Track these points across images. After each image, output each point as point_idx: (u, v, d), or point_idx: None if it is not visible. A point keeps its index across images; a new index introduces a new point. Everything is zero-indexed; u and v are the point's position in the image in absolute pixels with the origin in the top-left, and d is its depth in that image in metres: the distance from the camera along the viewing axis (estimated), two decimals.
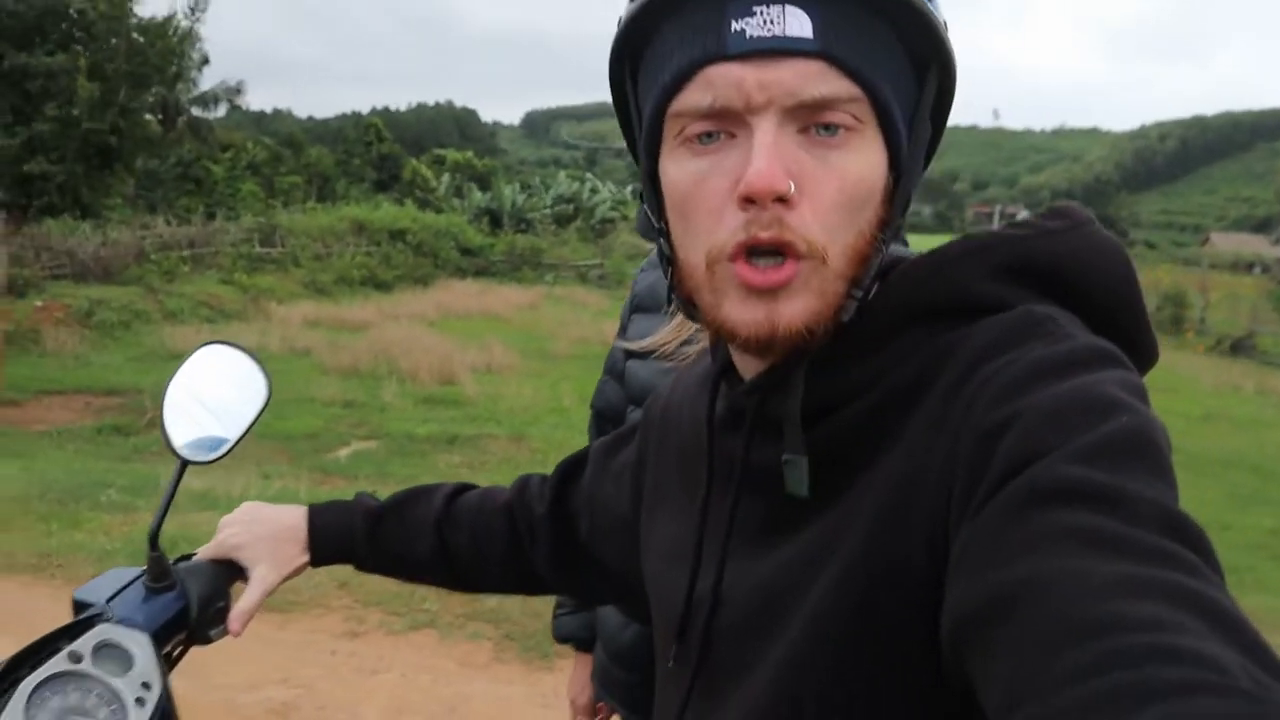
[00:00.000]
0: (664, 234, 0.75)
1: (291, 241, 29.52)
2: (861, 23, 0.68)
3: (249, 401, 1.15)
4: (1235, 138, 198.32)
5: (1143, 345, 0.71)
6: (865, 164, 0.68)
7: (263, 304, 23.56)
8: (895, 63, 0.70)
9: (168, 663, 1.02)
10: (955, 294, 0.70)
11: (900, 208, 0.72)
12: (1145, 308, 0.72)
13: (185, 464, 1.09)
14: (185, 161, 38.18)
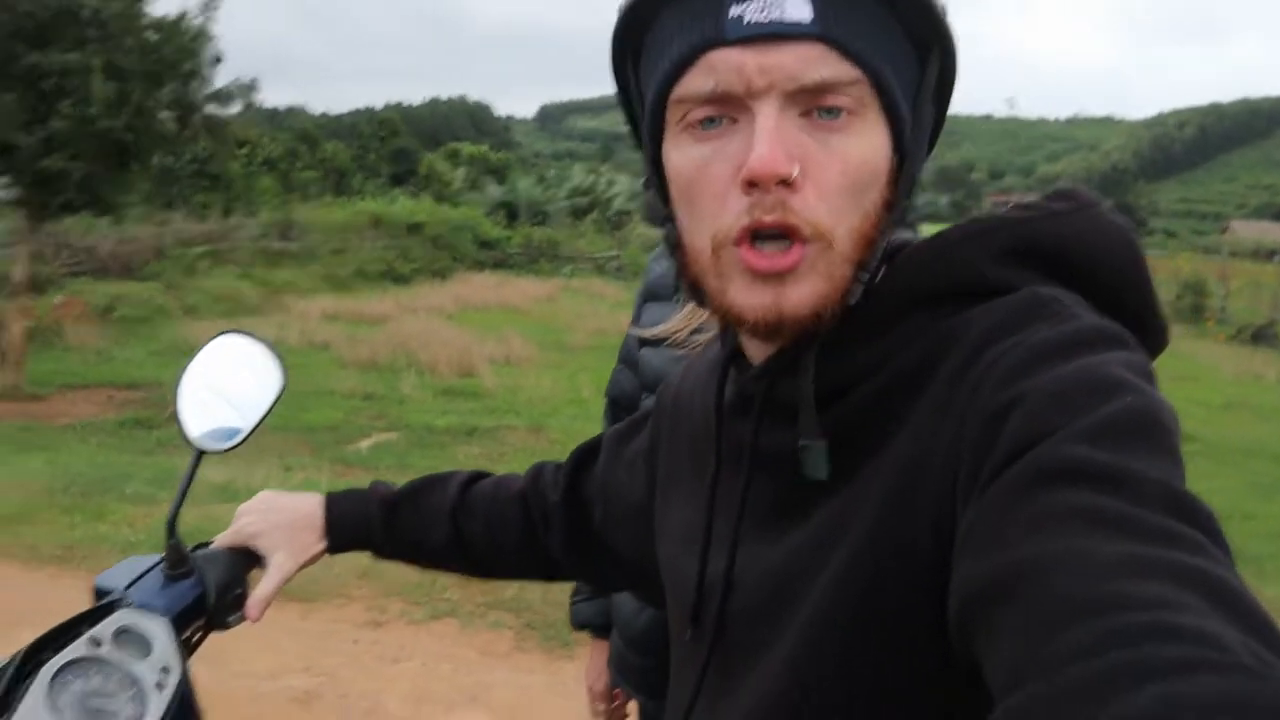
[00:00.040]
0: (670, 220, 0.75)
1: (309, 236, 29.67)
2: (861, 6, 0.68)
3: (264, 390, 1.15)
4: (1254, 125, 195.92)
5: (1152, 327, 0.71)
6: (868, 147, 0.68)
7: (281, 298, 23.66)
8: (895, 45, 0.70)
9: (186, 648, 1.03)
10: (960, 277, 0.70)
11: (905, 190, 0.72)
12: (1154, 289, 0.72)
13: (201, 453, 1.10)
14: (201, 158, 38.40)
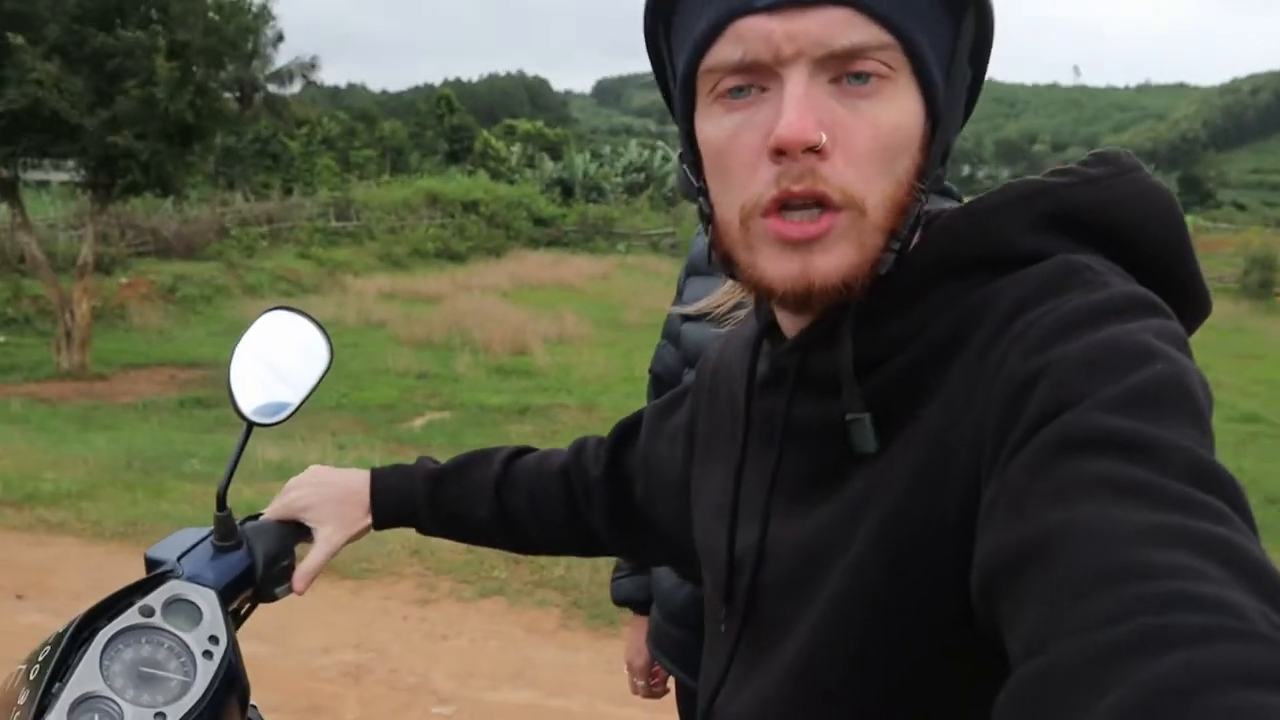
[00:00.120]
0: (703, 193, 0.74)
1: (366, 215, 30.02)
2: None
3: (312, 365, 1.16)
4: None
5: (1195, 294, 0.70)
6: (900, 112, 0.67)
7: (339, 277, 24.01)
8: (927, 7, 0.68)
9: (235, 619, 1.05)
10: (995, 245, 0.68)
11: (938, 156, 0.70)
12: (1195, 256, 0.70)
13: (251, 426, 1.12)
14: (263, 138, 38.92)
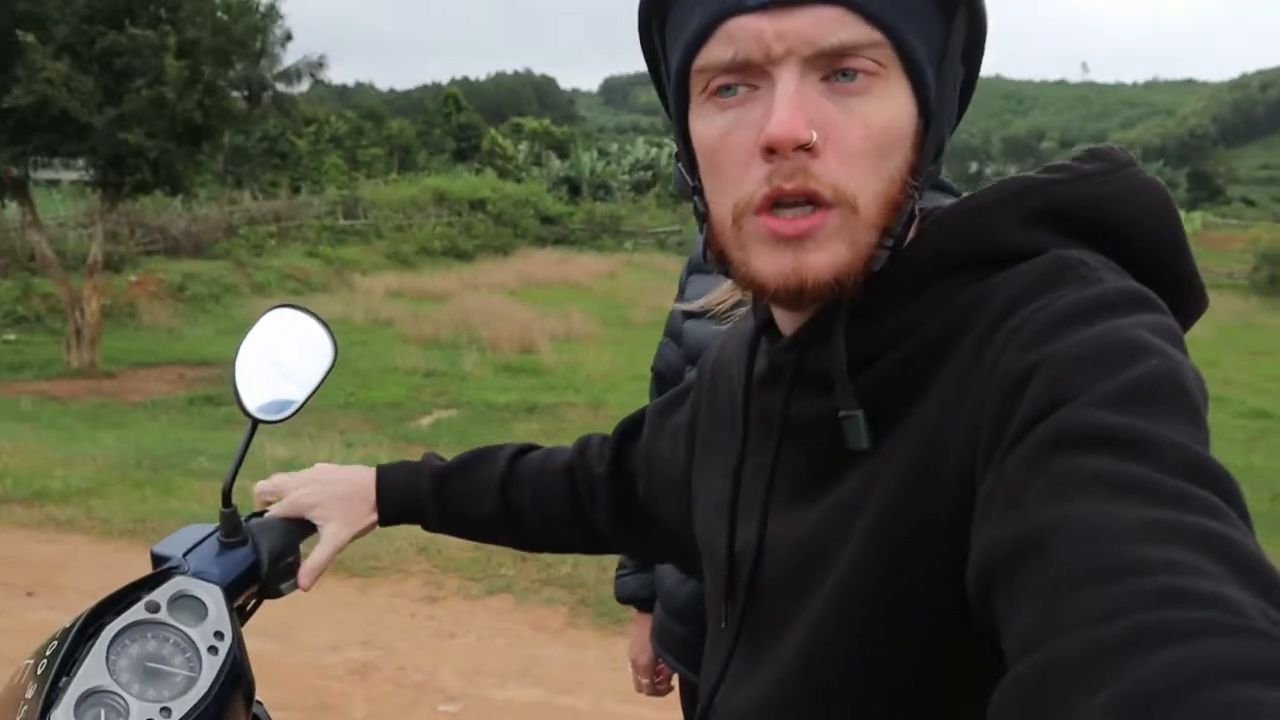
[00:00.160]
0: (698, 192, 0.75)
1: (374, 213, 30.07)
2: None
3: (316, 362, 1.17)
4: None
5: (1190, 289, 0.70)
6: (891, 110, 0.67)
7: (346, 275, 24.05)
8: (918, 5, 0.68)
9: (240, 615, 1.05)
10: (989, 242, 0.69)
11: (931, 153, 0.70)
12: (1190, 251, 0.70)
13: (256, 424, 1.12)
14: (271, 137, 38.98)
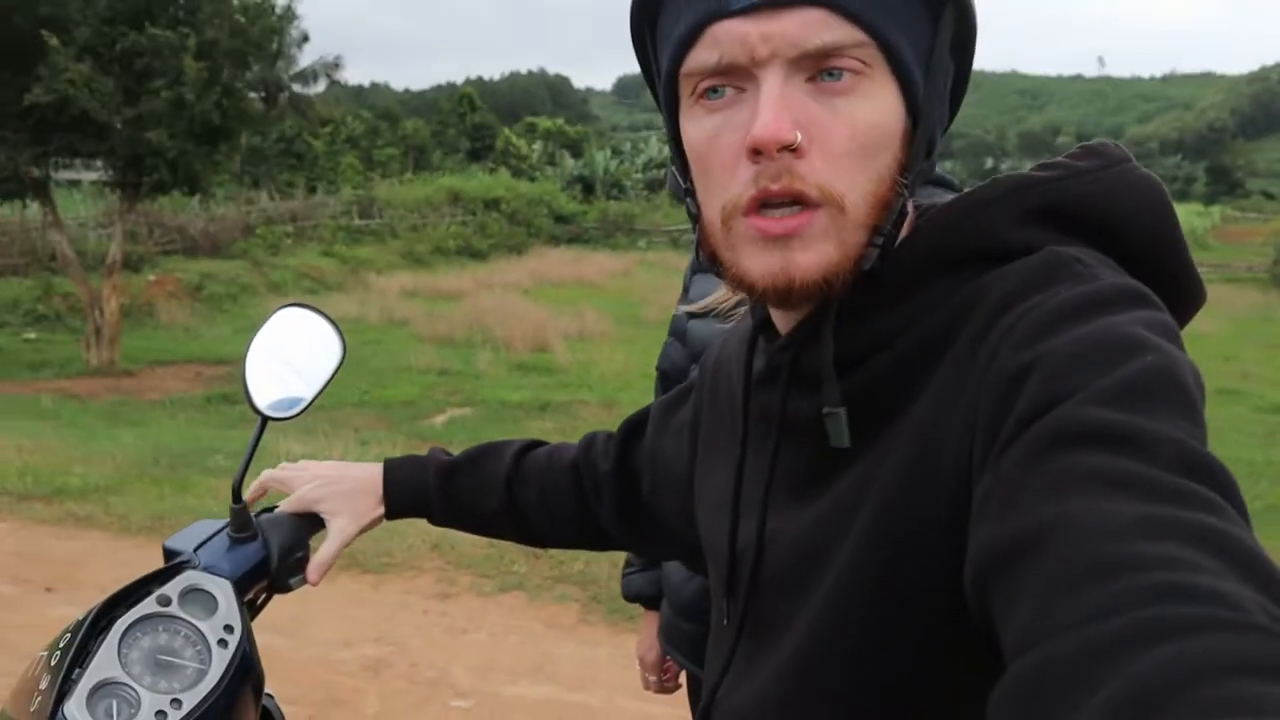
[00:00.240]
0: (691, 194, 0.75)
1: (389, 213, 30.16)
2: None
3: (325, 360, 1.18)
4: None
5: (1188, 285, 0.70)
6: (877, 109, 0.67)
7: (362, 275, 24.12)
8: (903, 4, 0.68)
9: (250, 609, 1.07)
10: (984, 239, 0.69)
11: (922, 151, 0.70)
12: (1187, 246, 0.70)
13: (265, 420, 1.14)
14: (287, 137, 39.11)
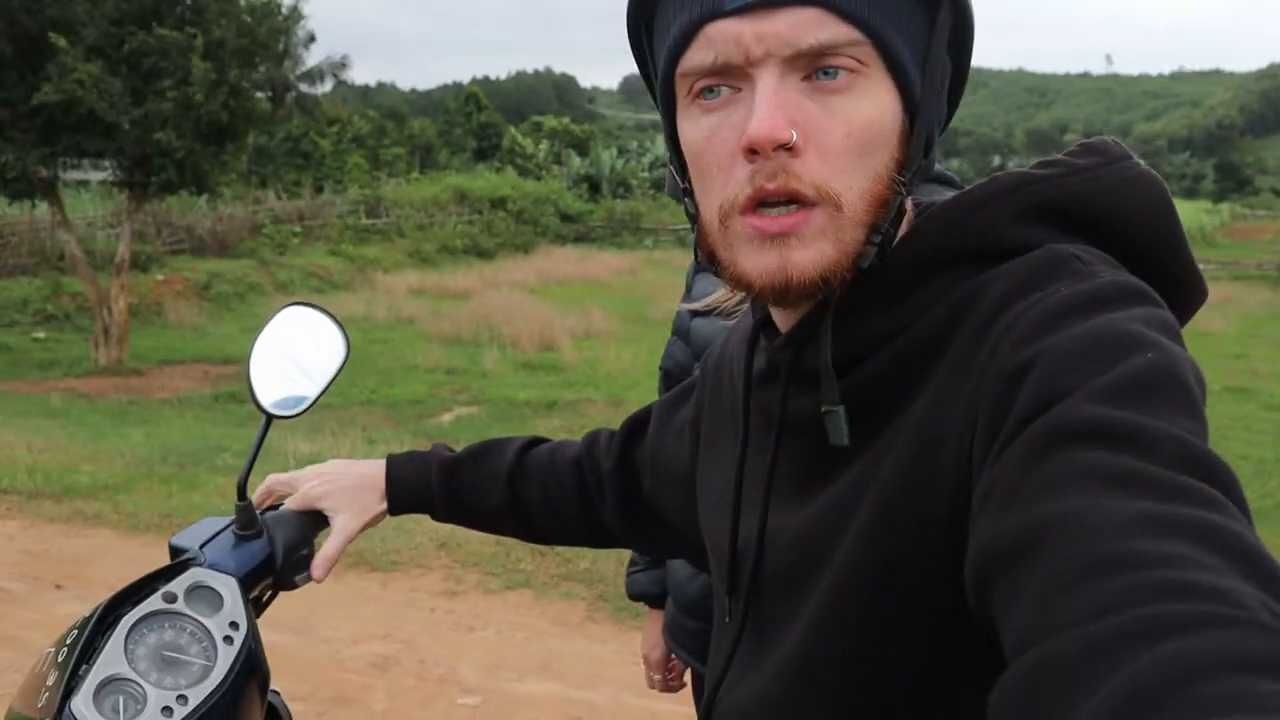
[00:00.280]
0: (689, 194, 0.75)
1: (396, 212, 30.19)
2: None
3: (329, 359, 1.19)
4: None
5: (1188, 282, 0.70)
6: (873, 107, 0.67)
7: (369, 274, 24.17)
8: (898, 2, 0.68)
9: (256, 606, 1.07)
10: (983, 237, 0.69)
11: (919, 148, 0.70)
12: (1188, 243, 0.70)
13: (270, 418, 1.15)
14: (294, 137, 39.17)
